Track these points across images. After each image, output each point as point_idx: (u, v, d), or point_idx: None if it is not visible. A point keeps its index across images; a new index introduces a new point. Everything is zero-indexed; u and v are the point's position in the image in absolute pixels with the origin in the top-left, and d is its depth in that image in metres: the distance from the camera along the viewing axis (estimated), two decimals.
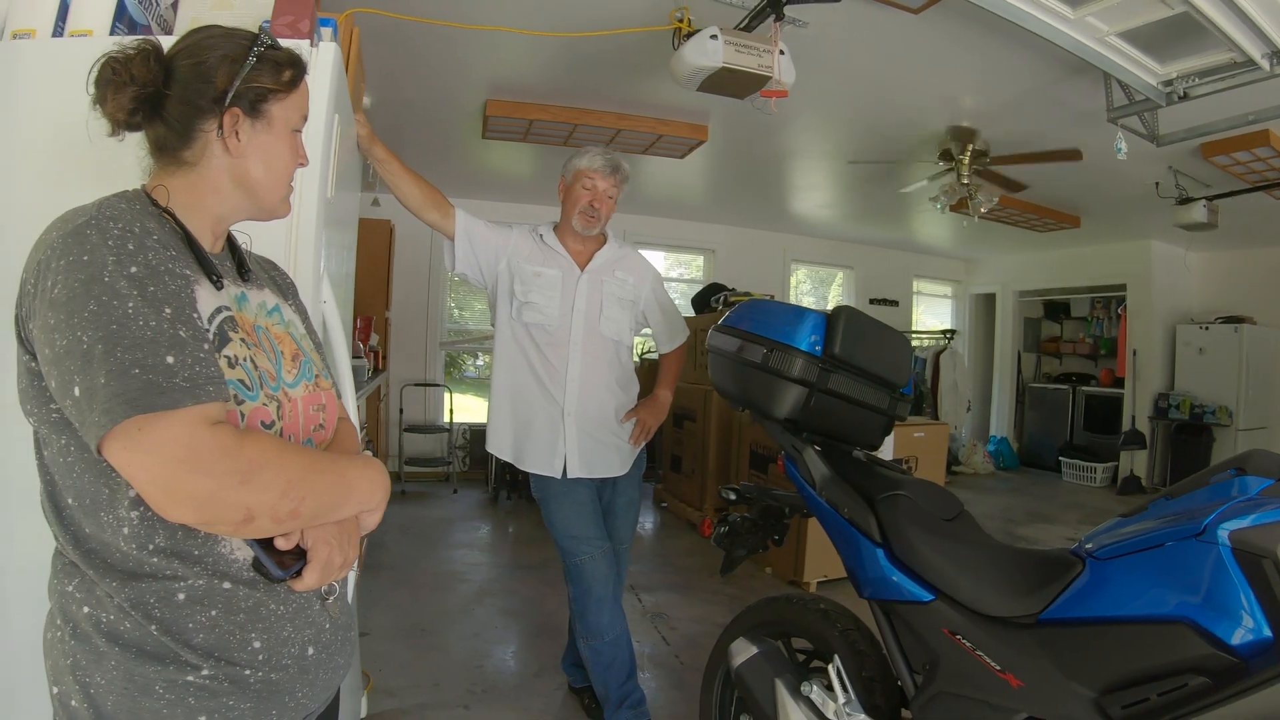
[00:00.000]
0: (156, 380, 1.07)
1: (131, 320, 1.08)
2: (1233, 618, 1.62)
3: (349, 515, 1.33)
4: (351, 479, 1.30)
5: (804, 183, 8.57)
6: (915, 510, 2.28)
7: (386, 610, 4.98)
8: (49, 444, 1.22)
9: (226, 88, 1.33)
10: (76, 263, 1.10)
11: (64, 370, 1.08)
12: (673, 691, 4.04)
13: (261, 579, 1.26)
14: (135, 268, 1.12)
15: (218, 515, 1.10)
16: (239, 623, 1.24)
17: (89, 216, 1.15)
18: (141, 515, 1.18)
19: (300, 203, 2.16)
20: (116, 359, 1.06)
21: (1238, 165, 6.09)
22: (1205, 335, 9.82)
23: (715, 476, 7.26)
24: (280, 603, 1.30)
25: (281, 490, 1.14)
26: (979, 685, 2.03)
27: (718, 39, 3.78)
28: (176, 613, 1.20)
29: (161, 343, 1.09)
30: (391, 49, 4.73)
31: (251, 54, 1.36)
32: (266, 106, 1.39)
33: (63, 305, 1.08)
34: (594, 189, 3.43)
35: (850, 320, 2.48)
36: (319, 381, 1.51)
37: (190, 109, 1.33)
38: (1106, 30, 3.96)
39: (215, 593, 1.22)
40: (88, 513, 1.20)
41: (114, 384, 1.05)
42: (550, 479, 3.44)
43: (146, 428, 1.05)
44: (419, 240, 8.48)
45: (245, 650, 1.24)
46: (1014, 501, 9.38)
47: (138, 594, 1.18)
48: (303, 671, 1.33)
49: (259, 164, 1.40)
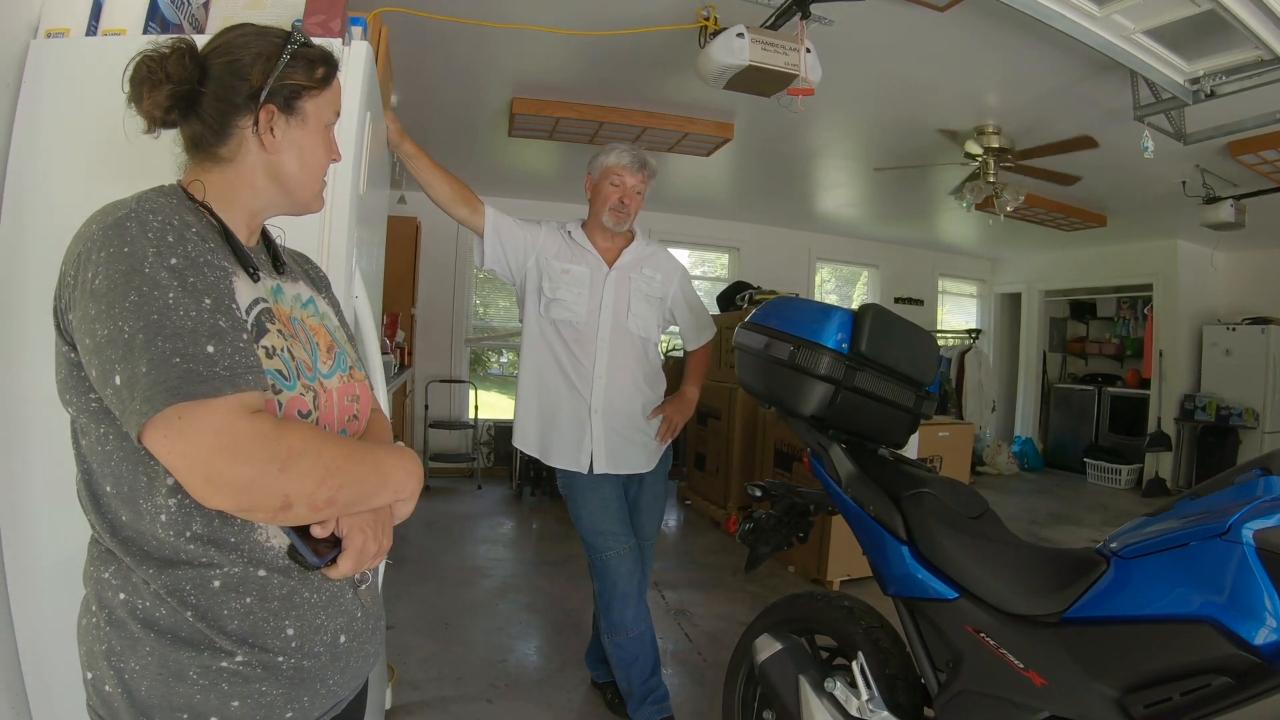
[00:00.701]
0: (197, 369, 1.08)
1: (172, 310, 1.09)
2: (1256, 618, 1.62)
3: (383, 504, 1.34)
4: (387, 468, 1.31)
5: (829, 181, 8.55)
6: (941, 508, 2.29)
7: (411, 604, 5.02)
8: (87, 433, 1.24)
9: (261, 85, 1.35)
10: (117, 254, 1.11)
11: (105, 359, 1.09)
12: (695, 688, 4.05)
13: (296, 566, 1.28)
14: (175, 259, 1.13)
15: (256, 502, 1.11)
16: (273, 610, 1.25)
17: (128, 210, 1.17)
18: (179, 503, 1.19)
19: (333, 199, 2.19)
20: (158, 348, 1.07)
21: (1265, 164, 6.04)
22: (1232, 336, 9.72)
23: (739, 474, 7.25)
24: (314, 591, 1.31)
25: (319, 478, 1.15)
26: (1002, 683, 2.03)
27: (744, 37, 3.78)
28: (212, 599, 1.21)
29: (202, 332, 1.10)
30: (418, 48, 4.76)
31: (285, 51, 1.37)
32: (301, 103, 1.41)
33: (104, 296, 1.10)
34: (623, 185, 3.45)
35: (877, 318, 2.49)
36: (353, 373, 1.53)
37: (226, 106, 1.34)
38: (1133, 28, 3.93)
39: (250, 580, 1.24)
40: (125, 500, 1.21)
41: (155, 372, 1.06)
42: (577, 475, 3.47)
43: (187, 415, 1.06)
44: (445, 238, 8.54)
45: (279, 637, 1.26)
46: (1038, 503, 9.34)
47: (174, 581, 1.20)
48: (334, 659, 1.35)
49: (294, 159, 1.42)
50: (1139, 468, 10.40)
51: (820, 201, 9.42)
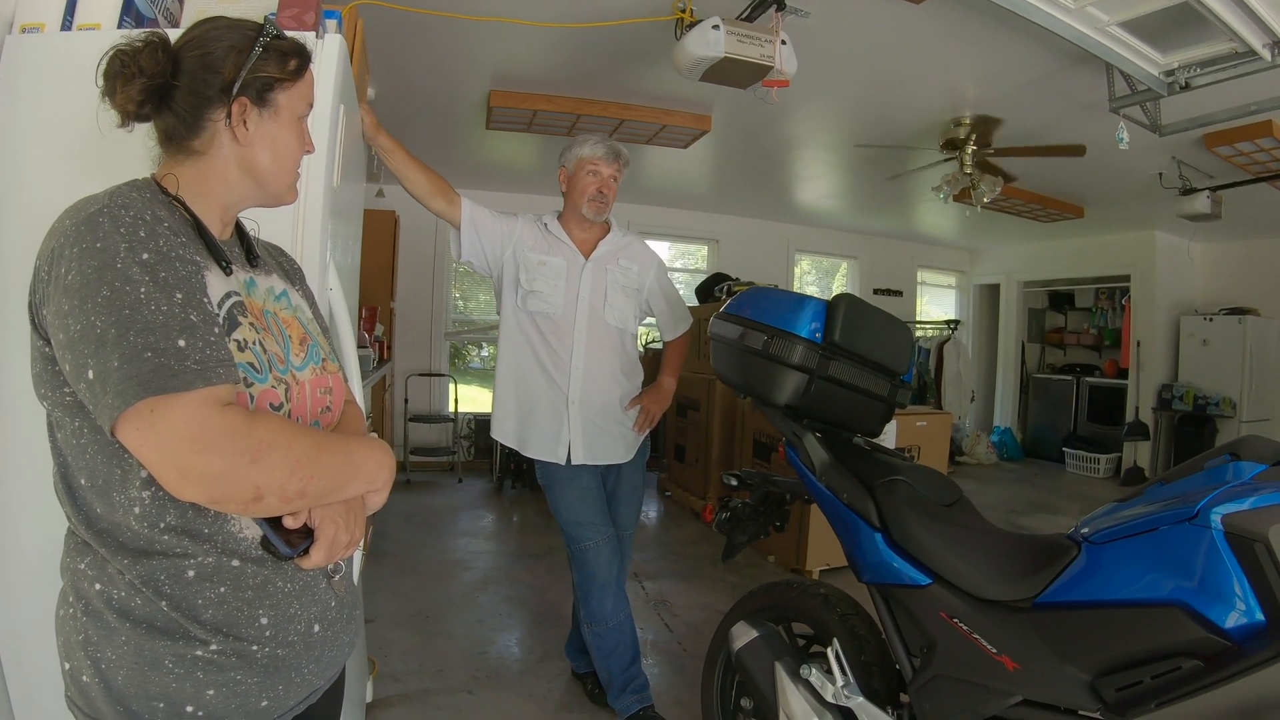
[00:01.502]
0: (168, 363, 1.08)
1: (143, 305, 1.10)
2: (1225, 601, 1.64)
3: (355, 495, 1.34)
4: (358, 459, 1.31)
5: (807, 173, 8.56)
6: (913, 495, 2.30)
7: (391, 597, 5.02)
8: (62, 427, 1.25)
9: (234, 78, 1.35)
10: (89, 250, 1.12)
11: (78, 354, 1.10)
12: (675, 677, 4.07)
13: (269, 557, 1.28)
14: (147, 254, 1.14)
15: (228, 494, 1.11)
16: (247, 599, 1.27)
17: (101, 205, 1.17)
18: (153, 495, 1.20)
19: (307, 192, 2.18)
20: (129, 343, 1.08)
21: (1240, 156, 6.08)
22: (1209, 326, 9.80)
23: (719, 465, 7.27)
24: (287, 580, 1.33)
25: (290, 469, 1.15)
26: (975, 668, 2.05)
27: (719, 29, 3.78)
28: (186, 589, 1.22)
29: (173, 327, 1.11)
30: (395, 41, 4.74)
31: (258, 44, 1.37)
32: (273, 95, 1.41)
33: (76, 291, 1.10)
34: (600, 175, 3.46)
35: (850, 308, 2.50)
36: (326, 365, 1.53)
37: (198, 99, 1.35)
38: (1107, 20, 3.95)
39: (224, 570, 1.25)
40: (100, 493, 1.22)
41: (127, 367, 1.07)
42: (555, 465, 3.47)
43: (159, 409, 1.07)
44: (424, 231, 8.50)
45: (253, 626, 1.28)
46: (1017, 492, 9.39)
47: (148, 571, 1.21)
48: (309, 648, 1.36)
49: (266, 152, 1.42)
50: (1117, 457, 10.47)
51: (799, 193, 9.43)
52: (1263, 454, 1.89)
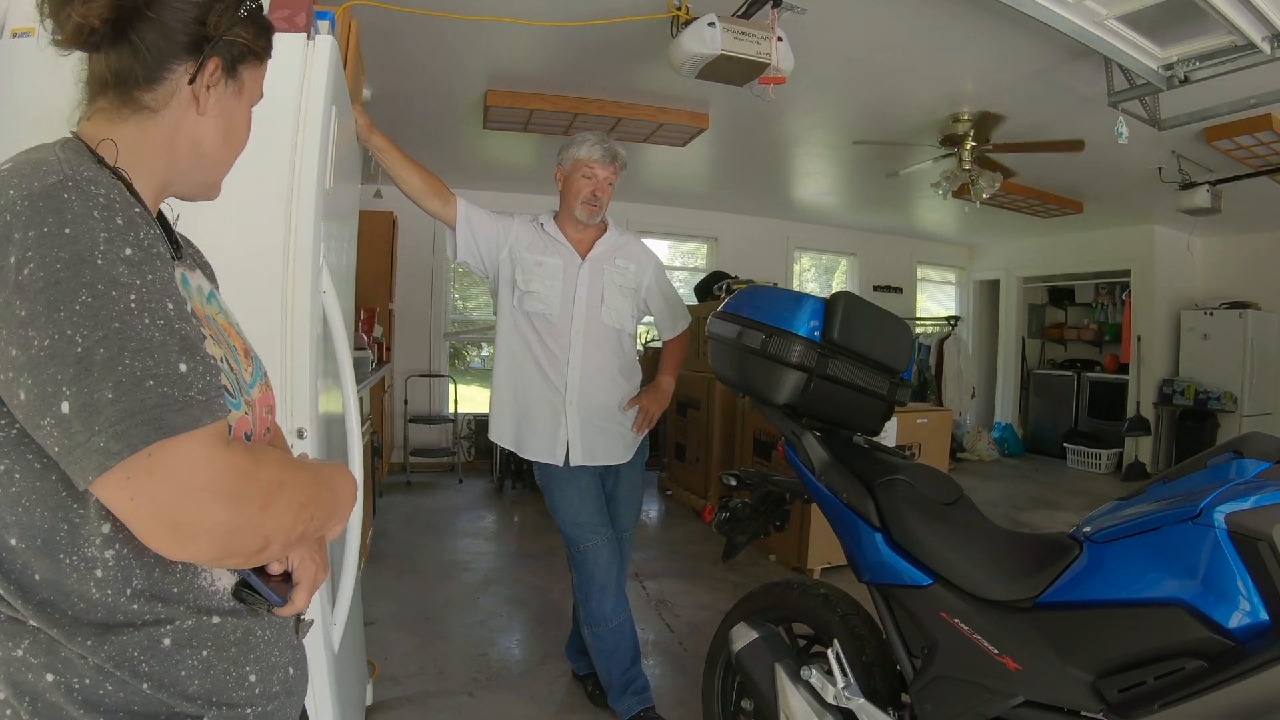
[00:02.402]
0: (173, 394, 0.88)
1: (136, 317, 0.88)
2: (1229, 601, 1.63)
3: (331, 528, 1.22)
4: (338, 489, 1.18)
5: (806, 170, 8.54)
6: (913, 494, 2.29)
7: (391, 599, 5.00)
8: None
9: (215, 30, 1.13)
10: (55, 236, 0.88)
11: (45, 379, 0.85)
12: (676, 678, 4.05)
13: (244, 608, 1.13)
14: (130, 249, 0.92)
15: (236, 547, 0.95)
16: (231, 658, 1.10)
17: (61, 175, 0.93)
18: (118, 555, 1.00)
19: (299, 194, 2.17)
20: (125, 367, 0.86)
21: (1240, 149, 6.08)
22: (1209, 321, 9.80)
23: (719, 464, 7.25)
24: (265, 627, 1.17)
25: (296, 512, 1.01)
26: (976, 669, 2.04)
27: (715, 26, 3.76)
28: (166, 661, 1.03)
29: (171, 346, 0.90)
30: (391, 42, 4.72)
31: (246, 5, 1.17)
32: (242, 69, 1.20)
33: (40, 293, 0.85)
34: (595, 178, 3.44)
35: (849, 305, 2.48)
36: (267, 380, 1.33)
37: (168, 42, 1.10)
38: (1105, 14, 3.94)
39: (203, 630, 1.07)
40: (40, 555, 0.97)
41: (126, 400, 0.85)
42: (554, 467, 3.46)
43: (159, 454, 0.86)
44: (422, 232, 8.49)
45: (242, 687, 1.11)
46: (1018, 488, 9.38)
47: (119, 649, 1.00)
48: (289, 694, 1.21)
49: (218, 131, 1.20)
50: (1118, 452, 10.46)
51: (798, 190, 9.42)
52: (1266, 451, 1.87)
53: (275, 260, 2.14)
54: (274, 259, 2.14)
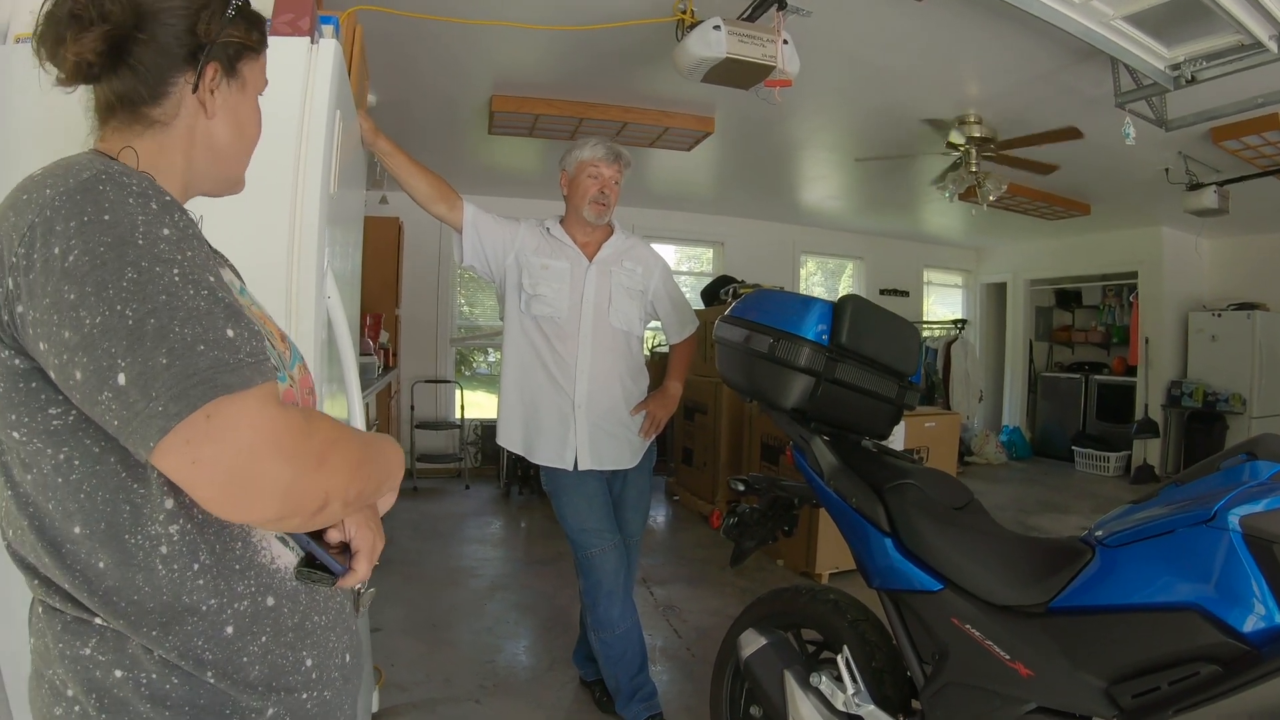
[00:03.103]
0: (224, 357, 0.91)
1: (180, 289, 0.92)
2: (1244, 605, 1.62)
3: (385, 494, 1.24)
4: (388, 456, 1.19)
5: (812, 174, 8.53)
6: (923, 499, 2.27)
7: (398, 605, 4.99)
8: (36, 463, 1.01)
9: (208, 37, 1.17)
10: (95, 223, 0.92)
11: (99, 355, 0.88)
12: (684, 684, 4.04)
13: (306, 583, 1.15)
14: (167, 229, 0.96)
15: (298, 504, 0.96)
16: (289, 643, 1.13)
17: (94, 170, 0.97)
18: (182, 530, 1.03)
19: (302, 199, 2.16)
20: (176, 334, 0.89)
21: (1248, 150, 6.05)
22: (1218, 322, 9.74)
23: (727, 469, 7.23)
24: (321, 613, 1.20)
25: (350, 470, 1.02)
26: (988, 675, 2.02)
27: (720, 30, 3.75)
28: (228, 649, 1.06)
29: (218, 314, 0.94)
30: (396, 46, 4.72)
31: (232, 5, 1.20)
32: (241, 65, 1.25)
33: (87, 275, 0.89)
34: (601, 177, 3.44)
35: (857, 309, 2.47)
36: (304, 365, 1.36)
37: (165, 58, 1.14)
38: (1112, 14, 3.92)
39: (262, 614, 1.10)
40: (105, 540, 1.01)
41: (181, 363, 0.88)
42: (561, 471, 3.45)
43: (217, 414, 0.88)
44: (428, 237, 8.48)
45: (299, 672, 1.14)
46: (1027, 491, 9.35)
47: (184, 640, 1.03)
48: (346, 681, 1.24)
49: (230, 127, 1.25)
50: (1127, 455, 10.40)
51: (804, 194, 9.41)
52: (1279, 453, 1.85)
53: (279, 266, 2.13)
54: (278, 264, 2.13)
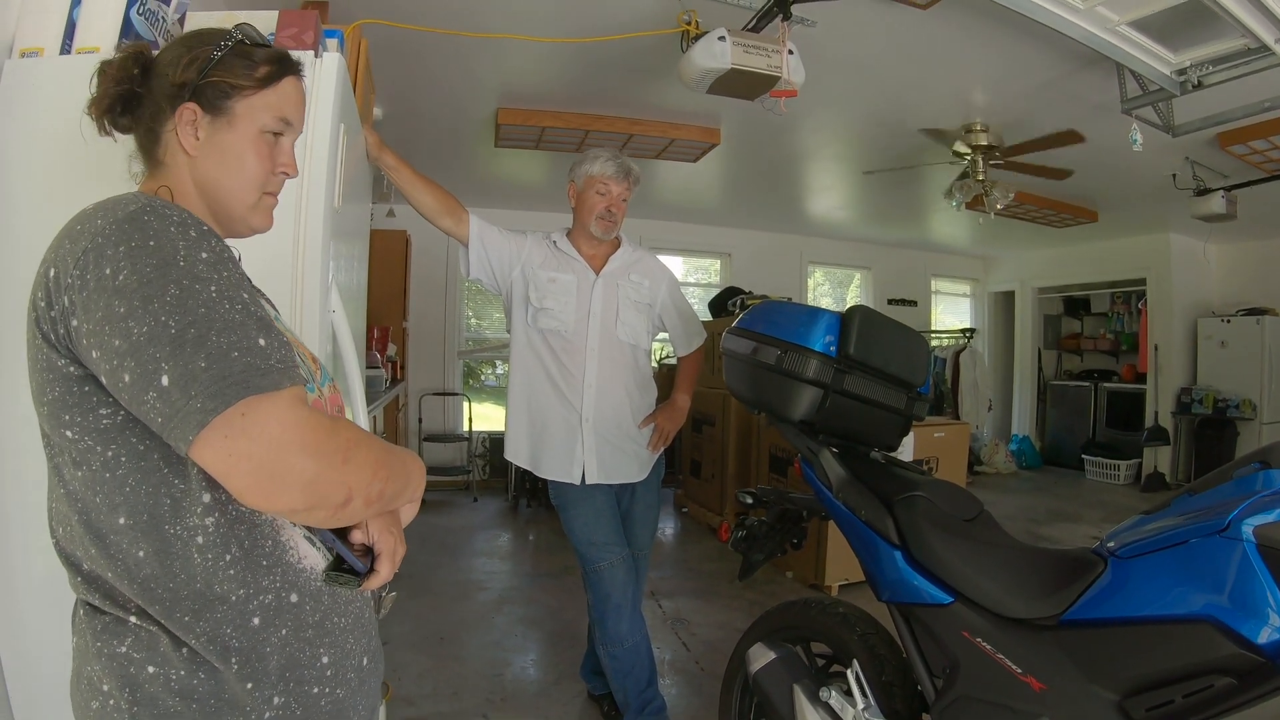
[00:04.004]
0: (256, 362, 1.03)
1: (217, 303, 1.05)
2: (1259, 616, 1.60)
3: (406, 502, 1.32)
4: (410, 465, 1.27)
5: (818, 184, 8.54)
6: (933, 511, 2.26)
7: (406, 619, 4.97)
8: (86, 461, 1.13)
9: (184, 81, 1.29)
10: (141, 248, 1.05)
11: (146, 359, 1.00)
12: (693, 698, 4.01)
13: (334, 585, 1.25)
14: (205, 253, 1.08)
15: (322, 497, 1.05)
16: (308, 639, 1.22)
17: (140, 204, 1.10)
18: (217, 522, 1.14)
19: (306, 214, 2.16)
20: (213, 342, 1.02)
21: (1255, 154, 6.02)
22: (1227, 328, 9.72)
23: (735, 481, 7.22)
24: (342, 615, 1.29)
25: (373, 470, 1.11)
26: (1000, 689, 2.00)
27: (725, 40, 3.75)
28: (254, 639, 1.16)
29: (250, 325, 1.06)
30: (402, 60, 4.74)
31: (217, 48, 1.31)
32: (229, 103, 1.33)
33: (135, 291, 1.02)
34: (609, 194, 3.42)
35: (865, 320, 2.46)
36: (334, 385, 1.50)
37: (155, 107, 1.31)
38: (1117, 20, 3.91)
39: (284, 609, 1.20)
40: (147, 531, 1.13)
41: (216, 366, 1.00)
42: (569, 485, 3.44)
43: (250, 412, 1.00)
44: (435, 250, 8.49)
45: (314, 667, 1.23)
46: (1037, 500, 9.31)
47: (214, 626, 1.14)
48: (361, 683, 1.32)
49: (216, 165, 1.34)
50: (1137, 463, 10.37)
51: (811, 204, 9.41)
52: None
53: (284, 279, 2.12)
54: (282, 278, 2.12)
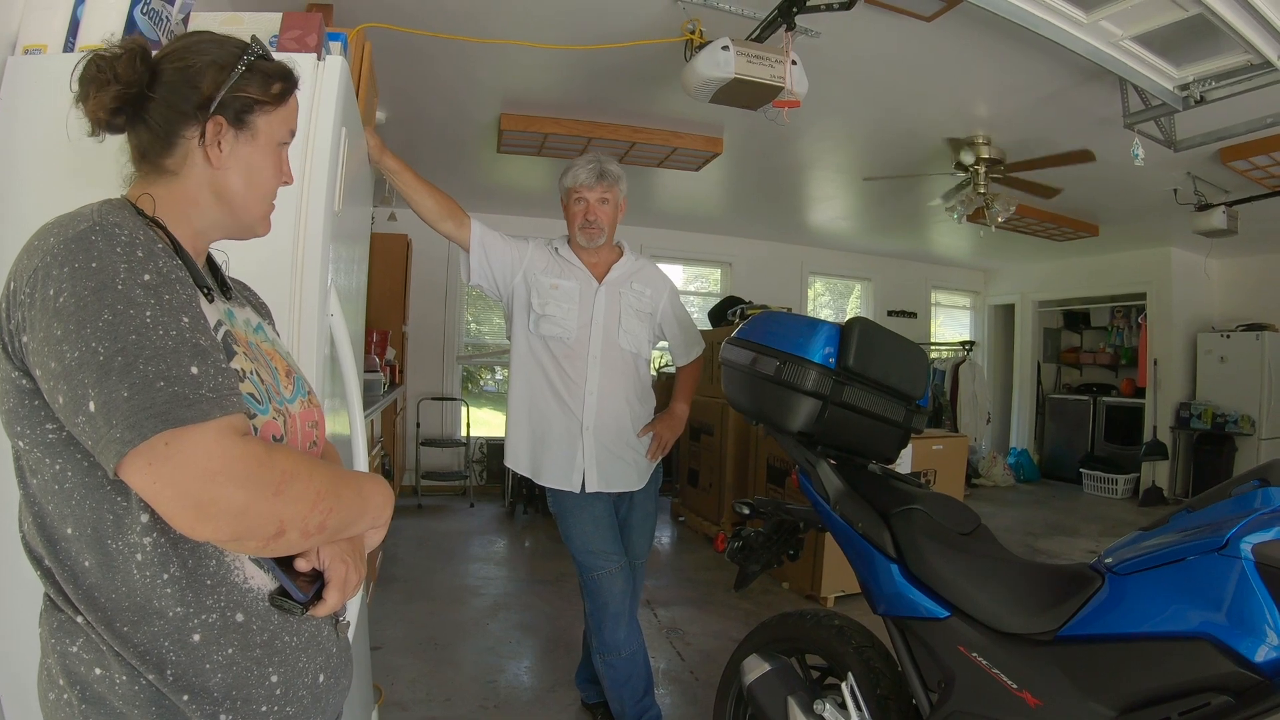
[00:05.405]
0: (183, 392, 1.02)
1: (150, 330, 1.03)
2: (1256, 634, 1.59)
3: (363, 530, 1.30)
4: (367, 492, 1.26)
5: (820, 194, 8.55)
6: (930, 525, 2.25)
7: (400, 623, 4.97)
8: (39, 470, 1.15)
9: (212, 94, 1.28)
10: (84, 270, 1.04)
11: (76, 384, 1.01)
12: (688, 708, 4.00)
13: (278, 610, 1.22)
14: (148, 275, 1.07)
15: (251, 528, 1.04)
16: (255, 658, 1.20)
17: (91, 221, 1.10)
18: (155, 542, 1.12)
19: (306, 215, 2.16)
20: (139, 371, 1.00)
21: (1256, 170, 6.04)
22: (1226, 343, 9.72)
23: (732, 490, 7.22)
24: (294, 634, 1.26)
25: (312, 502, 1.10)
26: (995, 704, 2.00)
27: (729, 50, 3.76)
28: (193, 655, 1.14)
29: (184, 352, 1.05)
30: (405, 64, 4.74)
31: (241, 62, 1.31)
32: (252, 118, 1.34)
33: (71, 315, 1.02)
34: (585, 201, 3.42)
35: (864, 332, 2.46)
36: (311, 398, 1.47)
37: (173, 114, 1.28)
38: (1121, 34, 3.91)
39: (230, 628, 1.17)
40: (91, 543, 1.13)
41: (138, 397, 0.99)
42: (568, 493, 3.43)
43: (174, 442, 0.99)
44: (436, 255, 8.48)
45: (262, 685, 1.20)
46: (1034, 514, 9.30)
47: (150, 639, 1.13)
48: (315, 700, 1.30)
49: (239, 177, 1.34)
50: (1135, 477, 10.37)
51: (812, 215, 9.42)
52: None
53: (283, 282, 2.12)
54: (281, 281, 2.12)
